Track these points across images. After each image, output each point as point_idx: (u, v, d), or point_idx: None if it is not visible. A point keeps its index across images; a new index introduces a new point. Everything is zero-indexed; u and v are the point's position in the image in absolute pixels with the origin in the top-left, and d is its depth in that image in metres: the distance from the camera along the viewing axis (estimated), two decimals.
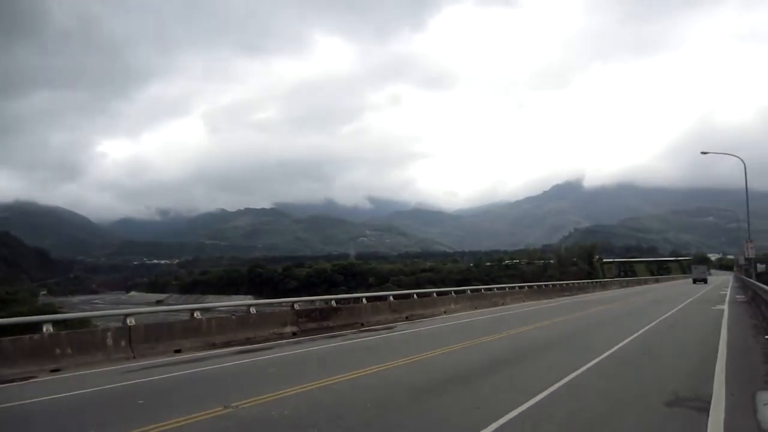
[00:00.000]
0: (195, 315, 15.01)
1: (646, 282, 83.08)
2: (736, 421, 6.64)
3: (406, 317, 22.22)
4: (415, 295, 25.53)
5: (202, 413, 7.17)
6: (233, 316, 17.01)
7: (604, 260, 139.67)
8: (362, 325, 19.63)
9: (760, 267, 58.47)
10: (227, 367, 11.35)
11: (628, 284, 70.92)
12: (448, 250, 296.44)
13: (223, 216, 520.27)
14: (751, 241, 44.25)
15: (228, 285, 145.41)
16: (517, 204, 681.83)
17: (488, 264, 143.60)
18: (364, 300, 22.03)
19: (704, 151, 47.49)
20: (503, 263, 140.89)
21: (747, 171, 40.47)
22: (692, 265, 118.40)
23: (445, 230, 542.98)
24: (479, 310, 26.62)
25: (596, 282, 62.06)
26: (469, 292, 31.05)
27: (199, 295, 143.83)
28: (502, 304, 30.54)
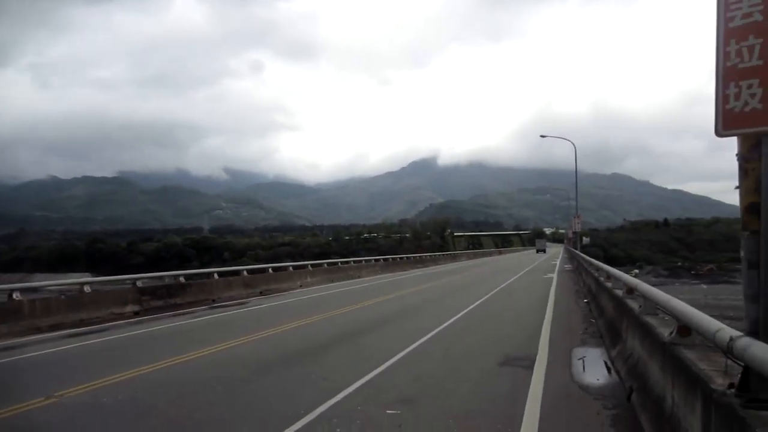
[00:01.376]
0: (14, 296, 13.24)
1: (490, 254, 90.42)
2: (555, 374, 7.43)
3: (261, 292, 21.76)
4: (270, 269, 25.04)
5: (20, 405, 6.33)
6: (63, 296, 15.30)
7: (456, 234, 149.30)
8: (213, 301, 18.84)
9: (586, 240, 66.48)
10: (54, 353, 10.17)
11: (475, 256, 76.62)
12: (307, 224, 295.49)
13: (55, 184, 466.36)
14: (578, 217, 49.92)
15: (61, 262, 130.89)
16: (377, 179, 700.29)
17: (347, 238, 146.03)
18: (215, 275, 21.10)
19: (543, 134, 52.25)
20: (362, 237, 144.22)
21: (577, 154, 45.31)
22: (536, 239, 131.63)
23: (305, 203, 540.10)
24: (336, 284, 26.93)
25: (447, 254, 66.15)
26: (326, 265, 31.25)
27: (25, 273, 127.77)
28: (358, 277, 31.21)
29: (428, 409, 5.97)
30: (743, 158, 3.26)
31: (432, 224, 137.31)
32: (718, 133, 3.25)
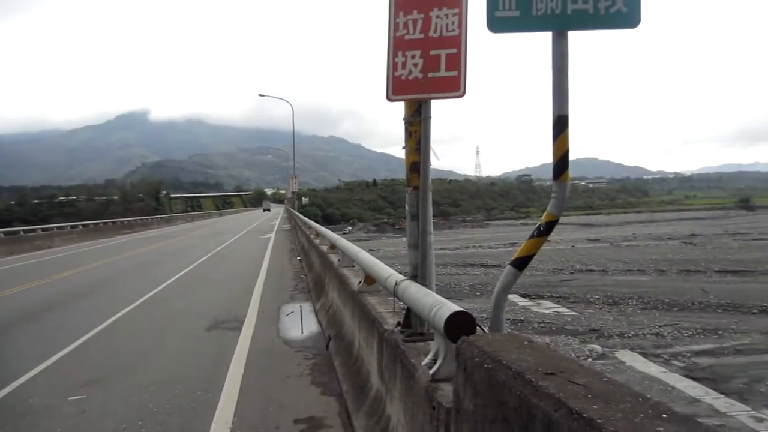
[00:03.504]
0: None
1: (210, 216, 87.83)
2: (262, 333, 7.56)
3: None
4: None
5: None
6: None
7: (172, 195, 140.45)
8: None
9: (305, 200, 69.62)
10: None
11: (193, 219, 73.39)
12: None
13: None
14: (295, 177, 51.86)
15: None
16: (75, 133, 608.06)
17: (36, 202, 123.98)
18: None
19: (261, 93, 52.32)
20: (56, 200, 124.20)
21: (295, 115, 46.69)
22: (263, 200, 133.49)
23: None
24: (18, 256, 22.69)
25: (162, 218, 61.81)
26: (2, 235, 26.02)
27: None
28: (49, 247, 26.88)
29: (121, 386, 5.43)
30: (408, 122, 3.64)
31: (145, 185, 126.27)
32: (389, 98, 3.54)
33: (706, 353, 7.66)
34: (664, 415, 1.35)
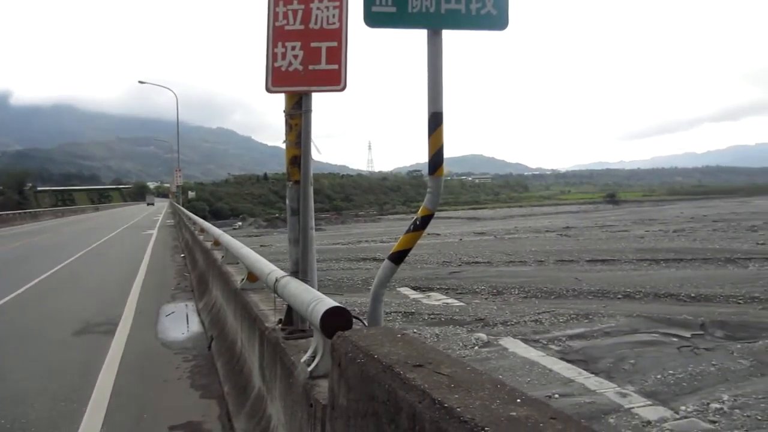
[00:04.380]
0: None
1: (84, 211, 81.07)
2: (138, 336, 7.09)
3: None
4: None
5: None
6: None
7: (39, 188, 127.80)
8: None
9: (192, 194, 66.26)
10: None
11: (64, 214, 67.30)
12: None
13: None
14: (179, 170, 49.26)
15: None
16: None
17: None
18: None
19: (141, 80, 48.99)
20: None
21: (180, 104, 44.25)
22: (147, 194, 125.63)
23: None
24: None
25: (26, 213, 56.00)
26: None
27: None
28: None
29: None
30: (288, 114, 3.56)
31: (6, 176, 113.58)
32: (268, 89, 3.43)
33: (578, 337, 8.33)
34: (518, 400, 1.42)
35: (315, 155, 3.57)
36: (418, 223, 2.92)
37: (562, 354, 7.56)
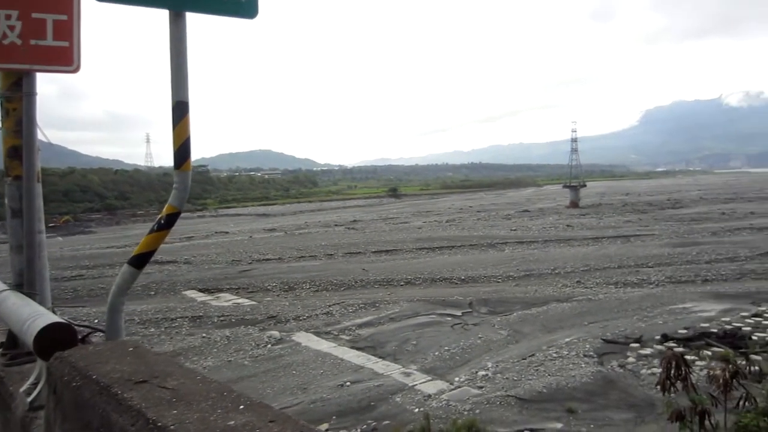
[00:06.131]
0: None
1: None
2: None
3: None
4: None
5: None
6: None
7: None
8: None
9: None
10: None
11: None
12: None
13: None
14: None
15: None
16: None
17: None
18: None
19: None
20: None
21: None
22: None
23: None
24: None
25: None
26: None
27: None
28: None
29: None
30: (4, 96, 3.00)
31: None
32: None
33: (367, 325, 8.76)
34: (242, 407, 1.41)
35: (43, 146, 3.08)
36: (162, 222, 2.69)
37: (352, 343, 7.88)
